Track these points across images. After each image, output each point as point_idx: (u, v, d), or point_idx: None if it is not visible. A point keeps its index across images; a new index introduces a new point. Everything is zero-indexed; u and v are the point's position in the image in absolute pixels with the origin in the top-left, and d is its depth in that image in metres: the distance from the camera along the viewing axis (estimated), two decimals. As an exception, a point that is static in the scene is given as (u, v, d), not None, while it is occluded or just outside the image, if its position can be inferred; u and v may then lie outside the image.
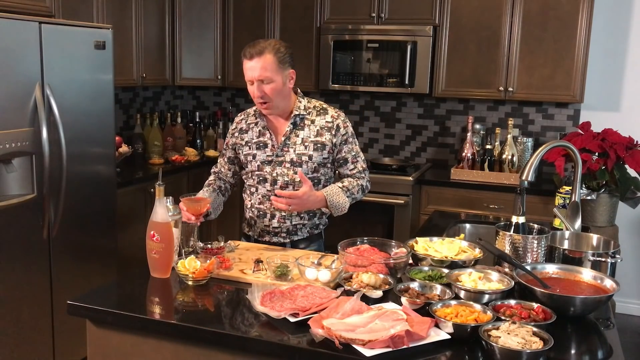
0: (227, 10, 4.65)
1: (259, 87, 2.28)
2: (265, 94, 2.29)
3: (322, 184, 2.44)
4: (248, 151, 2.43)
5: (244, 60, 2.30)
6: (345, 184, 2.41)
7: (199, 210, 2.21)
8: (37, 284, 2.97)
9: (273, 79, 2.28)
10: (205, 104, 5.25)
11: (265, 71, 2.26)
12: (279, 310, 1.67)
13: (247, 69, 2.29)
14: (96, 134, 3.25)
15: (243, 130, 2.48)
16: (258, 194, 2.43)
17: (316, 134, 2.39)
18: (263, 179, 2.41)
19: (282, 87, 2.32)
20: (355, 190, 2.42)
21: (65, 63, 3.01)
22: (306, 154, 2.37)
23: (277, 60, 2.28)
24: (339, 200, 2.35)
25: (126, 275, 2.58)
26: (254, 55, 2.26)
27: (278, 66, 2.28)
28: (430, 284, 1.85)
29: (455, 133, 4.54)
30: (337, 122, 2.41)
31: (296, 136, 2.39)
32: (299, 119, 2.40)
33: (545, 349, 1.45)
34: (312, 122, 2.41)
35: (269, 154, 2.40)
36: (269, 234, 2.43)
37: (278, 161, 2.39)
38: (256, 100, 2.32)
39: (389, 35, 4.20)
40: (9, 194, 2.82)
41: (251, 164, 2.43)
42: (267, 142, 2.41)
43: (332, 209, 2.35)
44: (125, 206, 3.63)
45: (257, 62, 2.26)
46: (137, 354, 1.75)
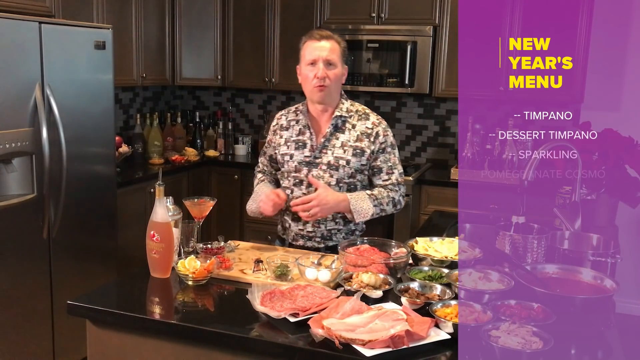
0: (227, 10, 4.65)
1: (325, 68, 2.26)
2: (327, 76, 2.27)
3: (358, 189, 2.38)
4: (286, 150, 2.39)
5: (308, 41, 2.30)
6: (374, 192, 2.35)
7: (201, 213, 2.21)
8: (37, 284, 2.96)
9: (337, 64, 2.29)
10: (205, 104, 5.25)
11: (333, 53, 2.27)
12: (279, 310, 1.67)
13: (314, 48, 2.27)
14: (96, 134, 3.25)
15: (283, 127, 2.43)
16: (293, 197, 2.37)
17: (356, 139, 2.34)
18: (299, 181, 2.36)
19: (340, 77, 2.33)
20: (384, 201, 2.34)
21: (65, 63, 3.01)
22: (344, 158, 2.32)
23: (341, 49, 2.32)
24: (362, 206, 2.28)
25: (126, 275, 2.58)
26: (323, 37, 2.28)
27: (341, 55, 2.31)
28: (430, 284, 1.85)
29: (455, 133, 4.54)
30: (377, 129, 2.36)
31: (336, 139, 2.34)
32: (340, 120, 2.36)
33: (545, 349, 1.45)
34: (353, 127, 2.36)
35: (307, 155, 2.35)
36: (303, 238, 2.39)
37: (315, 163, 2.34)
38: (315, 82, 2.27)
39: (389, 35, 4.20)
40: (9, 194, 2.82)
41: (288, 164, 2.37)
42: (306, 141, 2.36)
43: (353, 213, 2.28)
44: (125, 206, 3.63)
45: (327, 44, 2.27)
46: (137, 354, 1.75)
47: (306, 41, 2.31)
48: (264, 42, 4.58)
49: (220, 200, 2.60)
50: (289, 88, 4.72)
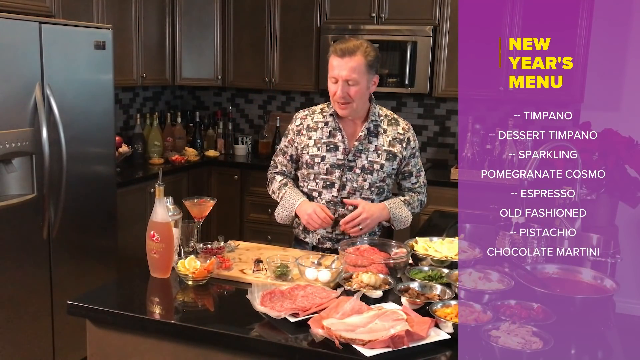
0: (227, 10, 4.65)
1: (343, 88, 2.21)
2: (348, 95, 2.22)
3: (384, 193, 2.41)
4: (316, 152, 2.34)
5: (332, 56, 2.23)
6: (407, 197, 2.41)
7: (201, 213, 2.21)
8: (37, 284, 2.96)
9: (359, 81, 2.22)
10: (205, 104, 5.25)
11: (353, 72, 2.19)
12: (279, 310, 1.67)
13: (334, 66, 2.22)
14: (96, 134, 3.25)
15: (310, 128, 2.37)
16: (322, 200, 2.35)
17: (389, 144, 2.35)
18: (330, 183, 2.33)
19: (365, 91, 2.27)
20: (415, 205, 2.43)
21: (65, 63, 3.01)
22: (379, 162, 2.33)
23: (367, 63, 2.22)
24: (402, 214, 2.35)
25: (126, 275, 2.58)
26: (345, 54, 2.19)
27: (366, 69, 2.22)
28: (430, 284, 1.85)
29: (455, 133, 4.54)
30: (408, 135, 2.40)
31: (369, 143, 2.34)
32: (373, 125, 2.35)
33: (545, 349, 1.45)
34: (385, 132, 2.36)
35: (339, 157, 2.32)
36: (331, 240, 2.37)
37: (349, 166, 2.32)
38: (336, 99, 2.25)
39: (389, 35, 4.20)
40: (9, 194, 2.82)
41: (319, 165, 2.34)
42: (338, 144, 2.33)
43: (394, 222, 2.34)
44: (125, 206, 3.63)
45: (348, 62, 2.19)
46: (137, 354, 1.75)
47: (331, 54, 2.25)
48: (264, 42, 4.58)
49: (220, 200, 2.61)
50: (289, 88, 4.72)
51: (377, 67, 2.29)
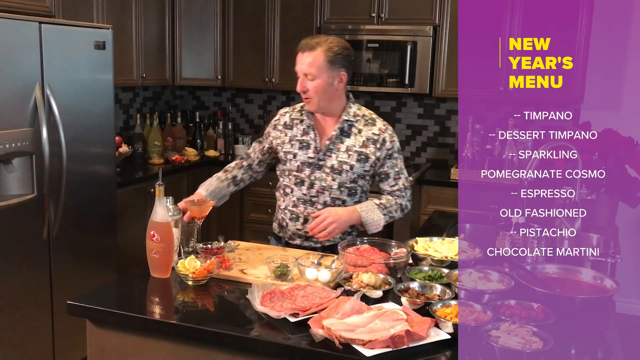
0: (227, 10, 4.65)
1: (302, 82, 2.27)
2: (307, 89, 2.27)
3: (358, 195, 2.38)
4: (289, 149, 2.38)
5: (298, 51, 2.29)
6: (382, 201, 2.36)
7: (201, 213, 2.21)
8: (37, 284, 2.96)
9: (317, 76, 2.24)
10: (205, 104, 5.25)
11: (310, 67, 2.24)
12: (279, 310, 1.67)
13: (297, 61, 2.29)
14: (96, 134, 3.25)
15: (287, 125, 2.42)
16: (293, 196, 2.37)
17: (362, 144, 2.33)
18: (300, 181, 2.35)
19: (327, 87, 2.27)
20: (393, 209, 2.36)
21: (65, 63, 3.01)
22: (348, 163, 2.32)
23: (327, 58, 2.24)
24: (373, 217, 2.30)
25: (126, 275, 2.57)
26: (305, 49, 2.25)
27: (326, 65, 2.24)
28: (430, 284, 1.85)
29: (455, 133, 4.54)
30: (383, 135, 2.35)
31: (341, 142, 2.34)
32: (347, 125, 2.35)
33: (545, 349, 1.45)
34: (359, 132, 2.35)
35: (310, 156, 2.34)
36: (301, 237, 2.39)
37: (318, 165, 2.33)
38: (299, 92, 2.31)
39: (389, 35, 4.20)
40: (9, 194, 2.82)
41: (290, 162, 2.37)
42: (310, 142, 2.35)
43: (365, 226, 2.30)
44: (125, 206, 3.63)
45: (306, 57, 2.25)
46: (137, 354, 1.75)
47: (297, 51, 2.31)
48: (264, 42, 4.58)
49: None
50: (289, 88, 4.71)
51: (343, 63, 2.29)
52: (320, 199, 2.33)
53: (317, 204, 2.34)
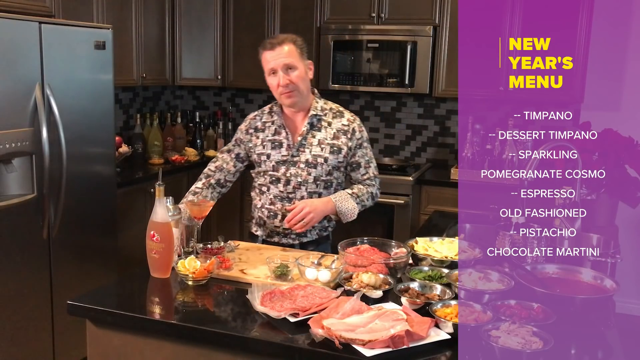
0: (227, 10, 4.64)
1: (285, 75, 2.29)
2: (291, 81, 2.29)
3: (333, 187, 2.42)
4: (262, 150, 2.41)
5: (264, 52, 2.32)
6: (354, 190, 2.40)
7: (201, 213, 2.21)
8: (37, 284, 2.96)
9: (297, 65, 2.29)
10: (205, 104, 5.25)
11: (290, 57, 2.28)
12: (279, 310, 1.67)
13: (269, 59, 2.31)
14: (96, 134, 3.25)
15: (258, 128, 2.45)
16: (269, 194, 2.40)
17: (333, 136, 2.38)
18: (276, 179, 2.38)
19: (305, 76, 2.34)
20: (365, 198, 2.41)
21: (65, 63, 3.01)
22: (322, 155, 2.36)
23: (297, 48, 2.31)
24: (348, 206, 2.34)
25: (126, 275, 2.58)
26: (275, 45, 2.29)
27: (299, 54, 2.31)
28: (430, 284, 1.85)
29: (455, 133, 4.54)
30: (353, 125, 2.41)
31: (313, 137, 2.37)
32: (316, 119, 2.39)
33: (545, 349, 1.45)
34: (329, 125, 2.40)
35: (284, 154, 2.38)
36: (279, 234, 2.41)
37: (293, 161, 2.36)
38: (280, 90, 2.31)
39: (389, 35, 4.20)
40: (9, 194, 2.82)
41: (265, 163, 2.40)
42: (282, 141, 2.39)
43: (340, 215, 2.34)
44: (125, 206, 3.63)
45: (281, 50, 2.28)
46: (137, 354, 1.75)
47: (262, 52, 2.34)
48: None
49: (220, 200, 2.60)
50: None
51: (307, 54, 2.38)
52: (297, 195, 2.37)
53: (294, 200, 2.36)
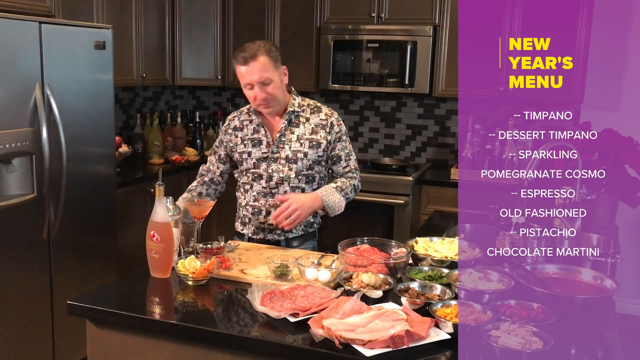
0: (227, 10, 4.64)
1: (261, 89, 2.29)
2: (268, 94, 2.30)
3: (316, 181, 2.44)
4: (243, 149, 2.43)
5: (237, 66, 2.30)
6: (338, 184, 2.42)
7: (201, 213, 2.22)
8: (37, 284, 2.96)
9: (272, 78, 2.30)
10: (205, 104, 5.25)
11: (264, 72, 2.27)
12: (279, 310, 1.67)
13: (243, 74, 2.29)
14: (96, 134, 3.25)
15: (237, 128, 2.48)
16: (253, 191, 2.43)
17: (311, 131, 2.41)
18: (258, 175, 2.41)
19: (281, 85, 2.36)
20: (348, 190, 2.44)
21: (65, 63, 3.01)
22: (301, 151, 2.38)
23: (271, 59, 2.30)
24: (335, 200, 2.36)
25: (126, 275, 2.58)
26: (248, 60, 2.26)
27: (273, 65, 2.31)
28: (430, 284, 1.85)
29: (455, 133, 4.54)
30: (331, 119, 2.44)
31: (291, 133, 2.40)
32: (293, 116, 2.42)
33: (545, 349, 1.45)
34: (307, 120, 2.43)
35: (264, 151, 2.40)
36: (264, 231, 2.43)
37: (273, 157, 2.39)
38: (257, 102, 2.33)
39: (389, 35, 4.20)
40: (9, 194, 2.82)
41: (246, 161, 2.43)
42: (262, 138, 2.41)
43: (327, 209, 2.36)
44: (125, 206, 3.63)
45: (254, 66, 2.26)
46: (137, 354, 1.75)
47: (236, 65, 2.31)
48: (264, 42, 4.58)
49: (220, 200, 2.61)
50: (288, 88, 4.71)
51: (280, 59, 2.37)
52: (280, 190, 2.38)
53: (277, 195, 2.37)
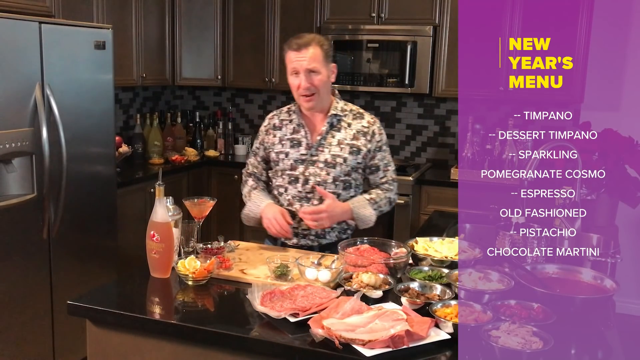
0: (227, 10, 4.65)
1: (307, 78, 2.25)
2: (312, 84, 2.26)
3: (352, 188, 2.40)
4: (280, 149, 2.39)
5: (289, 51, 2.28)
6: (372, 195, 2.39)
7: (201, 213, 2.21)
8: (37, 284, 2.96)
9: (320, 70, 2.27)
10: (205, 104, 5.25)
11: (314, 61, 2.25)
12: (279, 310, 1.67)
13: (293, 60, 2.26)
14: (96, 134, 3.25)
15: (276, 126, 2.44)
16: (287, 195, 2.38)
17: (352, 137, 2.36)
18: (294, 178, 2.36)
19: (327, 80, 2.31)
20: (382, 203, 2.41)
21: (65, 63, 3.01)
22: (341, 156, 2.34)
23: (323, 52, 2.28)
24: (365, 213, 2.34)
25: (126, 275, 2.58)
26: (301, 47, 2.25)
27: (324, 59, 2.28)
28: (430, 284, 1.85)
29: (455, 133, 4.54)
30: (373, 128, 2.39)
31: (332, 137, 2.35)
32: (335, 119, 2.37)
33: (545, 349, 1.45)
34: (349, 125, 2.38)
35: (302, 153, 2.36)
36: (298, 236, 2.39)
37: (311, 160, 2.34)
38: (300, 92, 2.29)
39: (389, 35, 4.20)
40: (9, 194, 2.82)
41: (283, 162, 2.37)
42: (301, 139, 2.37)
43: (357, 221, 2.34)
44: (125, 206, 3.63)
45: (306, 53, 2.24)
46: (137, 354, 1.75)
47: (287, 50, 2.30)
48: (264, 42, 4.58)
49: (220, 200, 2.60)
50: (288, 88, 4.70)
51: (332, 57, 2.35)
52: (315, 195, 2.34)
53: (312, 200, 2.34)
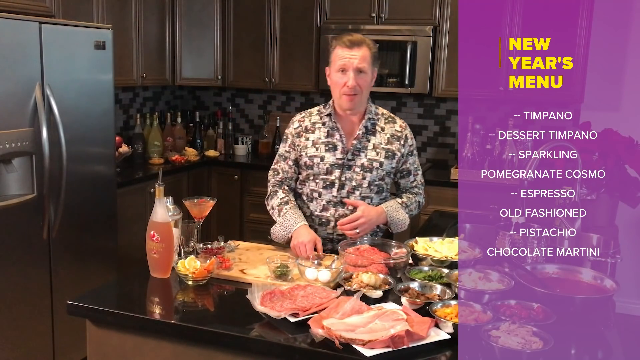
0: (227, 10, 4.65)
1: (355, 77, 2.22)
2: (358, 85, 2.23)
3: (384, 192, 2.40)
4: (315, 152, 2.33)
5: (338, 48, 2.24)
6: (404, 199, 2.40)
7: (201, 213, 2.22)
8: (37, 284, 2.96)
9: (367, 71, 2.25)
10: (205, 104, 5.25)
11: (363, 61, 2.22)
12: (279, 310, 1.67)
13: (343, 56, 2.22)
14: (96, 134, 3.25)
15: (308, 129, 2.37)
16: (322, 200, 2.33)
17: (387, 141, 2.35)
18: (330, 183, 2.32)
19: (370, 83, 2.30)
20: (413, 207, 2.42)
21: (65, 63, 3.00)
22: (378, 160, 2.32)
23: (372, 55, 2.26)
24: (399, 217, 2.34)
25: (126, 275, 2.58)
26: (354, 45, 2.22)
27: (372, 61, 2.27)
28: (430, 284, 1.85)
29: (455, 133, 4.54)
30: (405, 132, 2.39)
31: (368, 141, 2.33)
32: (370, 123, 2.35)
33: (545, 349, 1.45)
34: (382, 130, 2.36)
35: (339, 157, 2.31)
36: (332, 241, 2.36)
37: (348, 165, 2.31)
38: (345, 90, 2.23)
39: (389, 35, 4.20)
40: (9, 194, 2.82)
41: (318, 166, 2.32)
42: (336, 143, 2.32)
43: (391, 225, 2.34)
44: (125, 206, 3.63)
45: (357, 52, 2.22)
46: (137, 354, 1.75)
47: (336, 46, 2.25)
48: (264, 42, 4.58)
49: (220, 200, 2.61)
50: (288, 88, 4.72)
51: (377, 63, 2.33)
52: (350, 199, 2.32)
53: (348, 200, 2.33)
